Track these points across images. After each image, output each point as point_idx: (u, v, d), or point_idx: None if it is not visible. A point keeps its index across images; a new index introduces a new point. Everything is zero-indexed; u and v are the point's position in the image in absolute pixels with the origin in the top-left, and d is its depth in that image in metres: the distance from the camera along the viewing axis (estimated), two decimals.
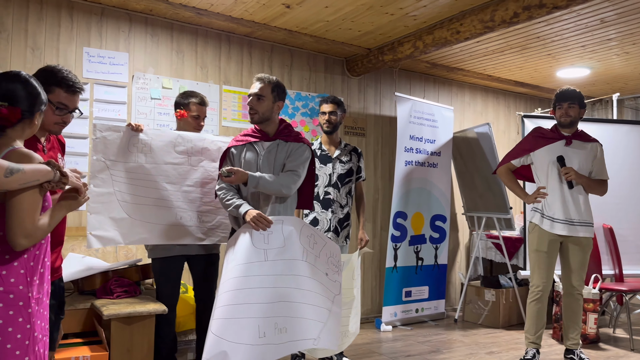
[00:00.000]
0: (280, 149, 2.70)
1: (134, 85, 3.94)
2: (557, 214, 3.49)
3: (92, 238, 2.79)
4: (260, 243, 2.47)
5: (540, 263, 3.52)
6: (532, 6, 3.36)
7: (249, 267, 2.40)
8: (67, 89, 2.09)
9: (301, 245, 2.54)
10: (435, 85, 5.76)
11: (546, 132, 3.62)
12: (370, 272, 5.18)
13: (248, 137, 2.72)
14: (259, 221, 2.47)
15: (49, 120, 2.10)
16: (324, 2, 3.73)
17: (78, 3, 3.74)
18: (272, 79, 2.71)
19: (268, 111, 2.68)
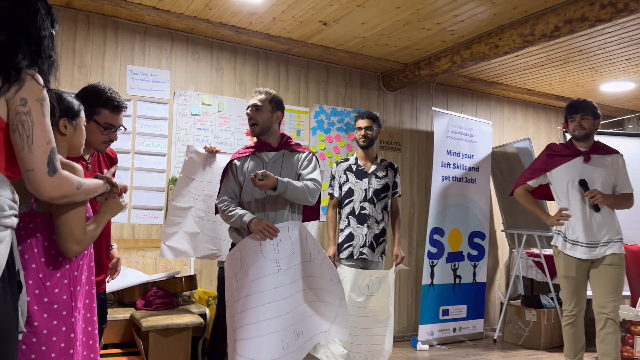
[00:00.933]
0: (287, 159, 2.68)
1: (175, 101, 4.05)
2: (580, 237, 3.17)
3: (165, 248, 2.98)
4: (270, 254, 2.43)
5: (569, 288, 3.25)
6: (574, 20, 3.29)
7: (263, 281, 2.37)
8: (112, 109, 2.16)
9: (308, 247, 2.51)
10: (473, 100, 5.68)
11: (560, 149, 3.33)
12: (406, 289, 5.10)
13: (251, 149, 2.72)
14: (266, 230, 2.42)
15: (96, 140, 2.17)
16: (360, 19, 3.75)
17: (123, 23, 3.89)
18: (269, 91, 2.72)
19: (267, 121, 2.66)
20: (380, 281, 3.25)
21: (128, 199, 3.81)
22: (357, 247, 3.47)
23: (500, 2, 3.41)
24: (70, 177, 1.48)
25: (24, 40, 1.43)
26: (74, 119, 1.78)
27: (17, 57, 1.39)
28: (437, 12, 3.59)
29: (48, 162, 1.38)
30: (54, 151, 1.41)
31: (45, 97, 1.41)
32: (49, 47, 1.49)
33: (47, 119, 1.41)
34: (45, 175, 1.38)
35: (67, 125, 1.75)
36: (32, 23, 1.46)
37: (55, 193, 1.41)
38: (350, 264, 3.46)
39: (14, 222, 1.42)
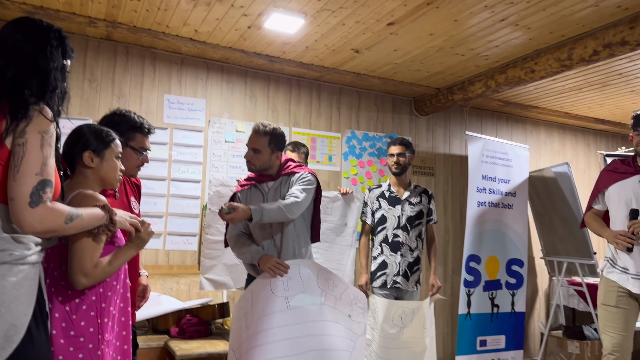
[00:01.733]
0: (284, 184, 2.61)
1: (210, 129, 4.12)
2: (630, 266, 2.78)
3: (204, 281, 2.97)
4: (280, 290, 2.38)
5: (608, 321, 2.82)
6: (614, 44, 3.21)
7: (271, 318, 2.32)
8: (146, 133, 2.21)
9: (319, 287, 2.44)
10: (508, 123, 5.58)
11: (619, 165, 2.96)
12: (442, 319, 4.98)
13: (251, 181, 2.65)
14: (275, 267, 2.38)
15: (132, 165, 2.18)
16: (392, 46, 3.76)
17: (160, 53, 4.01)
18: (267, 129, 2.54)
19: (266, 163, 2.57)
20: (414, 312, 3.18)
21: (163, 226, 3.87)
22: (390, 275, 3.41)
23: (536, 27, 3.36)
24: (60, 211, 1.39)
25: (32, 73, 1.43)
26: (100, 151, 1.73)
27: (24, 93, 1.39)
28: (471, 38, 3.57)
29: (31, 193, 1.32)
30: (43, 183, 1.35)
31: (49, 130, 1.39)
32: (57, 79, 1.48)
33: (46, 152, 1.37)
34: (26, 206, 1.31)
35: (92, 158, 1.71)
36: (41, 55, 1.46)
37: (37, 227, 1.34)
38: (383, 293, 3.40)
39: (39, 258, 1.44)
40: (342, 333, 2.44)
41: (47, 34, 1.49)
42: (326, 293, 2.45)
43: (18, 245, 1.37)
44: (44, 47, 1.46)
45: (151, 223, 1.83)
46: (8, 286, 1.33)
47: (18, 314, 1.33)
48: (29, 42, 1.46)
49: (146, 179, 3.84)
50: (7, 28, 1.48)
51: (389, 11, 3.20)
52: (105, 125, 2.18)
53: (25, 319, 1.35)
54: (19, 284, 1.35)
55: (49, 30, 1.51)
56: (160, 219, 3.86)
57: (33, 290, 1.39)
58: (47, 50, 1.47)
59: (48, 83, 1.44)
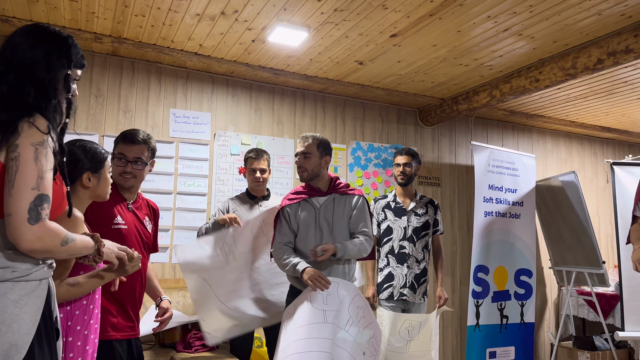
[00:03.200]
0: (337, 203, 2.68)
1: (215, 142, 4.14)
2: None
3: (209, 336, 2.82)
4: (319, 304, 2.40)
5: None
6: (618, 52, 3.20)
7: (310, 328, 2.34)
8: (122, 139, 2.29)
9: (348, 314, 2.44)
10: (514, 133, 5.57)
11: None
12: (450, 330, 4.93)
13: (301, 195, 2.70)
14: (317, 280, 2.41)
15: (114, 172, 2.25)
16: (396, 57, 3.77)
17: (166, 68, 4.04)
18: (316, 136, 2.73)
19: (316, 167, 2.69)
20: (421, 325, 3.15)
21: (169, 240, 3.88)
22: (397, 287, 3.39)
23: (540, 36, 3.36)
24: (58, 231, 1.35)
25: (30, 82, 1.37)
26: (97, 171, 1.78)
27: (17, 109, 1.33)
28: (475, 48, 3.57)
29: (30, 209, 1.27)
30: (41, 198, 1.29)
31: (43, 142, 1.32)
32: (56, 89, 1.41)
33: (41, 165, 1.31)
34: (24, 222, 1.26)
35: (90, 178, 1.76)
36: (41, 63, 1.40)
37: (36, 245, 1.29)
38: (390, 305, 3.37)
39: (47, 274, 1.40)
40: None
41: (53, 41, 1.44)
42: (352, 321, 2.45)
43: (21, 262, 1.32)
44: (47, 55, 1.41)
45: (159, 237, 1.83)
46: (9, 304, 1.28)
47: (20, 333, 1.28)
48: (31, 49, 1.40)
49: (152, 192, 3.85)
50: (15, 34, 1.44)
51: (391, 23, 3.22)
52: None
53: (27, 338, 1.30)
54: (22, 301, 1.30)
55: (56, 37, 1.46)
56: (167, 233, 3.86)
57: (38, 308, 1.34)
58: (49, 58, 1.41)
59: (45, 93, 1.38)
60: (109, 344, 2.09)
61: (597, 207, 5.90)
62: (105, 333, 2.08)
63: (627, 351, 4.80)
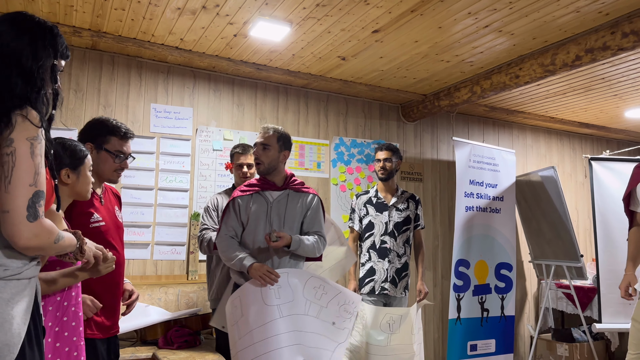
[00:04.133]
0: (291, 199, 2.62)
1: (197, 137, 4.11)
2: None
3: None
4: (271, 299, 2.37)
5: (633, 338, 2.64)
6: (596, 49, 3.26)
7: (265, 328, 2.31)
8: (120, 136, 2.22)
9: (304, 298, 2.44)
10: (494, 128, 5.63)
11: None
12: (432, 324, 4.98)
13: (254, 187, 2.63)
14: (265, 275, 2.36)
15: (108, 169, 2.21)
16: (378, 53, 3.78)
17: (147, 62, 4.00)
18: (277, 128, 2.65)
19: (274, 161, 2.61)
20: (402, 319, 3.18)
21: (150, 236, 3.85)
22: (378, 282, 3.41)
23: (519, 33, 3.40)
24: (52, 229, 1.34)
25: (16, 72, 1.32)
26: (76, 168, 1.76)
27: (7, 100, 1.28)
28: (456, 44, 3.60)
29: (28, 206, 1.25)
30: (38, 195, 1.27)
31: (37, 136, 1.29)
32: (43, 80, 1.36)
33: (37, 160, 1.28)
34: (23, 219, 1.25)
35: (69, 174, 1.74)
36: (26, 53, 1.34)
37: (32, 242, 1.27)
38: (372, 300, 3.40)
39: (36, 272, 1.38)
40: (322, 345, 2.42)
41: (38, 30, 1.38)
42: (311, 303, 2.44)
43: (13, 260, 1.29)
44: (32, 43, 1.35)
45: (138, 233, 1.82)
46: (2, 304, 1.25)
47: (12, 333, 1.25)
48: (16, 38, 1.34)
49: (133, 188, 3.82)
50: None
51: (373, 19, 3.23)
52: (85, 130, 2.20)
53: (19, 338, 1.27)
54: (14, 300, 1.27)
55: (40, 26, 1.40)
56: (148, 229, 3.83)
57: (29, 307, 1.32)
58: (35, 47, 1.35)
59: (33, 83, 1.32)
60: (92, 342, 2.07)
61: (576, 202, 6.00)
62: (89, 332, 2.07)
63: (604, 342, 4.90)
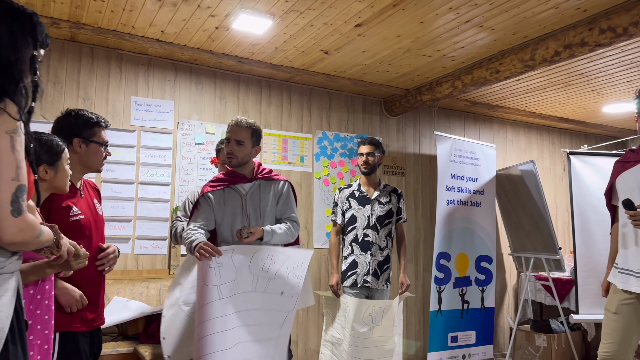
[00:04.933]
0: (264, 189, 2.64)
1: (179, 131, 4.08)
2: (633, 264, 2.55)
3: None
4: (212, 279, 2.26)
5: (605, 327, 2.65)
6: (574, 45, 3.31)
7: (207, 309, 2.22)
8: (103, 126, 2.28)
9: (250, 273, 2.35)
10: (475, 123, 5.69)
11: (629, 154, 2.72)
12: (413, 316, 5.04)
13: (224, 182, 2.61)
14: (202, 250, 2.26)
15: (99, 159, 2.25)
16: (361, 47, 3.79)
17: (127, 55, 3.95)
18: (252, 124, 2.65)
19: (247, 156, 2.63)
20: (384, 311, 3.21)
21: (131, 230, 3.81)
22: (360, 275, 3.44)
23: (500, 28, 3.44)
24: (35, 224, 1.32)
25: None
26: (54, 163, 1.75)
27: None
28: (437, 39, 3.62)
29: (12, 201, 1.22)
30: (21, 189, 1.25)
31: (17, 129, 1.26)
32: (22, 71, 1.32)
33: (18, 153, 1.26)
34: (8, 215, 1.22)
35: (47, 170, 1.73)
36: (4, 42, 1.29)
37: (17, 237, 1.25)
38: (354, 292, 3.42)
39: (18, 266, 1.36)
40: (270, 320, 2.36)
41: (17, 18, 1.32)
42: (258, 277, 2.36)
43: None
44: (10, 33, 1.29)
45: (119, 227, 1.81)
46: None
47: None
48: None
49: (113, 182, 3.78)
50: None
51: (356, 12, 3.23)
52: (62, 127, 2.18)
53: (2, 333, 1.24)
54: None
55: (20, 14, 1.33)
56: (129, 223, 3.80)
57: (11, 302, 1.29)
58: (14, 37, 1.30)
59: (11, 75, 1.28)
60: (74, 336, 2.06)
61: (555, 195, 6.10)
62: (73, 325, 2.06)
63: (581, 333, 5.01)
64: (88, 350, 2.14)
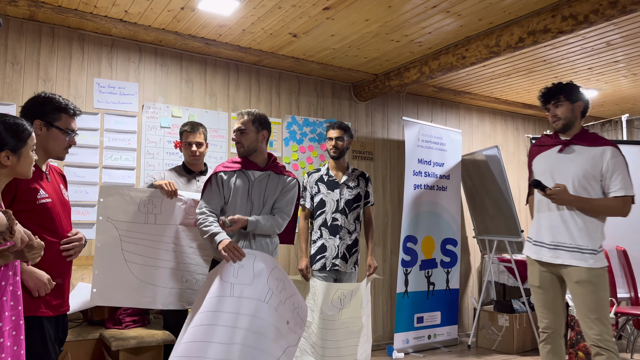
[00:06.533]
0: (272, 180, 2.71)
1: (143, 114, 4.00)
2: (545, 237, 2.75)
3: (95, 295, 2.68)
4: (228, 276, 2.38)
5: (537, 301, 2.83)
6: (537, 31, 3.38)
7: (214, 301, 2.32)
8: (71, 114, 2.20)
9: (268, 286, 2.43)
10: (442, 109, 5.77)
11: (545, 139, 2.94)
12: (381, 298, 5.12)
13: (238, 165, 2.72)
14: (230, 251, 2.40)
15: (59, 147, 2.19)
16: (330, 31, 3.78)
17: (89, 35, 3.83)
18: (252, 112, 2.74)
19: (253, 142, 2.71)
20: (353, 293, 3.26)
21: (95, 216, 3.73)
22: (329, 258, 3.47)
23: (466, 14, 3.48)
24: None
25: None
26: (18, 150, 1.69)
27: None
28: (405, 24, 3.64)
29: None
30: None
31: None
32: None
33: None
34: None
35: (9, 156, 1.68)
36: None
37: None
38: (323, 276, 3.45)
39: None
40: (275, 336, 2.37)
41: None
42: (272, 293, 2.42)
43: None
44: None
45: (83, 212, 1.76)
46: None
47: None
48: None
49: (76, 166, 3.69)
50: None
51: None
52: (29, 107, 2.12)
53: None
54: None
55: None
56: (93, 208, 3.72)
57: None
58: None
59: None
60: (39, 321, 2.03)
61: (518, 180, 6.27)
62: (38, 310, 2.03)
63: None
64: (53, 335, 2.11)
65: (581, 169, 2.68)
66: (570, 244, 2.67)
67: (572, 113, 2.79)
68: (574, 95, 2.79)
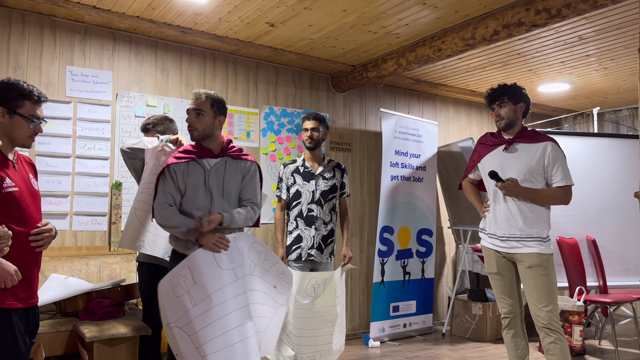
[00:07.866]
0: (229, 167, 2.59)
1: (117, 103, 3.93)
2: (498, 229, 2.94)
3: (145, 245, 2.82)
4: (226, 263, 2.45)
5: (496, 288, 3.02)
6: (512, 24, 3.43)
7: (224, 291, 2.41)
8: (35, 100, 2.14)
9: (249, 259, 2.56)
10: (419, 101, 5.82)
11: (489, 138, 3.11)
12: (357, 288, 5.17)
13: (190, 155, 2.55)
14: (219, 242, 2.42)
15: (23, 134, 2.14)
16: (307, 21, 3.77)
17: (61, 22, 3.74)
18: (210, 93, 2.58)
19: (209, 127, 2.56)
20: (326, 282, 3.29)
21: (69, 206, 3.68)
22: (305, 249, 3.49)
23: (442, 6, 3.50)
24: None
25: None
26: None
27: None
28: (382, 15, 3.65)
29: None
30: None
31: None
32: None
33: None
34: None
35: None
36: None
37: None
38: (298, 266, 3.47)
39: None
40: (265, 301, 2.59)
41: None
42: (255, 264, 2.57)
43: None
44: None
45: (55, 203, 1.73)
46: None
47: None
48: None
49: (48, 156, 3.62)
50: None
51: None
52: None
53: None
54: None
55: None
56: (66, 199, 3.66)
57: None
58: None
59: None
60: (6, 312, 1.99)
61: None
62: (5, 302, 1.99)
63: None
64: (23, 327, 2.08)
65: (526, 165, 2.90)
66: (521, 234, 2.87)
67: (514, 113, 2.95)
68: (517, 97, 2.96)
